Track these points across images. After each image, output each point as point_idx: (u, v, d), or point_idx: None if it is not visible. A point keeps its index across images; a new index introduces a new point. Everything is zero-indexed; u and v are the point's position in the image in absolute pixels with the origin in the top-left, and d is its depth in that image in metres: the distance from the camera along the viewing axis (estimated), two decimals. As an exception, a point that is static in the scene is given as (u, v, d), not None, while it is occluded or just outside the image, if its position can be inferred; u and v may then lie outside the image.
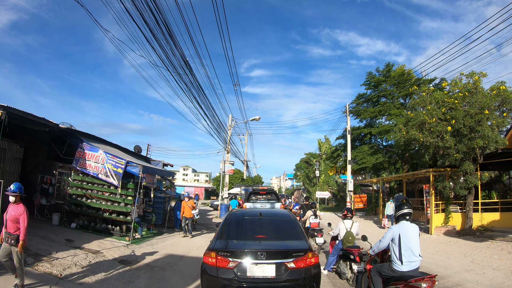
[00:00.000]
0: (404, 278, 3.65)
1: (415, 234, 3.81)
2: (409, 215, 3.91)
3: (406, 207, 3.91)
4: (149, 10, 8.24)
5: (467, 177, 11.05)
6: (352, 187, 21.14)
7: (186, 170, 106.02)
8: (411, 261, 3.70)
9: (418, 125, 11.73)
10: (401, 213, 3.92)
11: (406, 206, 3.93)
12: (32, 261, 5.74)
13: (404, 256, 3.71)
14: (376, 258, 4.48)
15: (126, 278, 5.76)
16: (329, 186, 37.84)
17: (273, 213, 5.65)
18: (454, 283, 6.16)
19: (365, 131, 22.29)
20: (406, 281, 3.58)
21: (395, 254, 3.80)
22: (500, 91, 10.67)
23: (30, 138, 9.85)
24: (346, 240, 6.05)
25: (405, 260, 3.70)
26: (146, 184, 9.99)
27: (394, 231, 3.87)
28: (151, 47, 9.56)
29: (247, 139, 37.09)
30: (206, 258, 3.99)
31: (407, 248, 3.72)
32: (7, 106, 6.54)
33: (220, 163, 22.71)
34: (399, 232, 3.80)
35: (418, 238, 3.84)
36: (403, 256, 3.71)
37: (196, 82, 14.49)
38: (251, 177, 42.79)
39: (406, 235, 3.76)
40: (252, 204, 13.86)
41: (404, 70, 21.22)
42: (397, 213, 3.97)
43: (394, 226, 3.96)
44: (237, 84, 20.89)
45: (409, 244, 3.73)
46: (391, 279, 3.81)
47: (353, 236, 6.08)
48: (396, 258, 3.77)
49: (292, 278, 3.83)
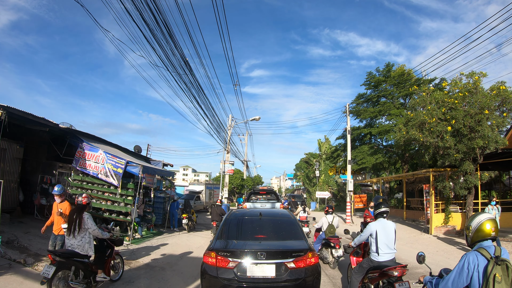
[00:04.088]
0: (380, 267, 4.15)
1: (391, 230, 4.30)
2: (386, 213, 4.41)
3: (383, 207, 4.41)
4: (149, 10, 8.24)
5: (467, 177, 11.05)
6: (352, 187, 21.11)
7: (186, 170, 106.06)
8: (386, 253, 4.21)
9: (418, 125, 11.73)
10: (379, 211, 4.42)
11: (383, 205, 4.43)
12: (32, 261, 5.74)
13: (381, 249, 4.21)
14: (358, 250, 5.06)
15: (126, 278, 5.76)
16: (329, 186, 37.84)
17: (273, 213, 5.65)
18: (454, 283, 6.15)
19: (365, 131, 22.30)
20: (381, 269, 4.10)
21: (373, 246, 4.30)
22: (500, 91, 10.67)
23: (30, 138, 9.85)
24: (328, 231, 7.10)
25: (381, 252, 4.20)
26: (146, 184, 9.99)
27: (372, 227, 4.32)
28: (151, 47, 9.56)
29: (247, 139, 37.10)
30: (206, 258, 3.99)
31: (383, 242, 4.22)
32: (7, 106, 6.54)
33: (220, 163, 22.71)
34: (377, 228, 4.27)
35: (394, 233, 4.30)
36: (379, 248, 4.21)
37: (196, 82, 14.49)
38: (251, 177, 42.79)
39: (382, 230, 4.25)
40: (252, 204, 13.99)
41: (404, 70, 21.22)
42: (376, 212, 4.46)
43: (372, 223, 4.41)
44: (237, 84, 20.89)
45: (385, 238, 4.23)
46: (370, 268, 4.31)
47: (334, 228, 7.15)
48: (374, 250, 4.27)
49: (292, 278, 3.82)
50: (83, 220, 4.68)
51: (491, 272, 2.19)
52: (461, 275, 2.36)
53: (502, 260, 2.23)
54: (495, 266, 2.20)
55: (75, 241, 4.61)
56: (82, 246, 4.63)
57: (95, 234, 4.80)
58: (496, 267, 2.20)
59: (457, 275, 2.39)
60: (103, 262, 5.00)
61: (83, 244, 4.65)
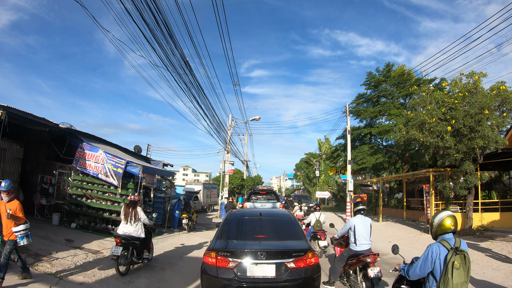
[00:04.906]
0: (357, 255, 5.00)
1: (368, 224, 5.12)
2: (363, 210, 5.30)
3: (360, 205, 5.32)
4: (149, 10, 8.24)
5: (467, 177, 11.05)
6: (352, 187, 21.08)
7: (186, 170, 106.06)
8: (363, 244, 5.01)
9: (418, 125, 11.72)
10: (356, 209, 5.30)
11: (360, 204, 5.34)
12: (32, 261, 5.74)
13: (358, 240, 5.01)
14: (341, 241, 5.86)
15: (126, 278, 5.76)
16: (329, 186, 37.85)
17: (273, 213, 5.65)
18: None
19: (365, 131, 22.28)
20: (358, 257, 4.94)
21: (352, 238, 5.09)
22: (500, 91, 10.66)
23: (30, 138, 9.84)
24: (316, 226, 8.32)
25: (359, 243, 5.01)
26: (146, 184, 9.99)
27: (351, 222, 5.16)
28: (151, 47, 9.57)
29: (247, 139, 37.06)
30: (206, 258, 3.99)
31: (361, 235, 5.02)
32: (7, 106, 6.55)
33: (220, 163, 22.72)
34: (355, 223, 5.09)
35: (370, 227, 5.13)
36: (357, 240, 5.02)
37: (196, 82, 14.49)
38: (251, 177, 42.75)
39: (359, 225, 5.06)
40: (252, 204, 14.28)
41: (404, 70, 21.21)
42: (354, 209, 5.32)
43: (352, 218, 5.26)
44: (237, 84, 20.88)
45: (362, 231, 5.03)
46: (349, 257, 5.15)
47: (321, 223, 8.39)
48: (353, 241, 5.07)
49: (292, 278, 3.83)
50: (137, 212, 6.27)
51: (450, 260, 2.64)
52: (426, 262, 2.82)
53: (461, 251, 2.68)
54: (454, 255, 2.64)
55: (131, 228, 6.19)
56: (136, 231, 6.22)
57: (145, 222, 6.45)
58: (455, 256, 2.64)
59: (423, 262, 2.86)
60: (146, 243, 6.71)
61: (137, 229, 6.24)
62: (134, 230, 6.22)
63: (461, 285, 2.64)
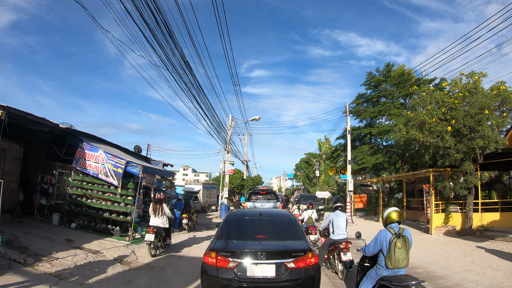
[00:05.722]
0: (335, 243, 6.42)
1: (343, 218, 6.60)
2: (341, 207, 6.82)
3: (338, 203, 6.99)
4: (149, 10, 8.24)
5: (467, 177, 11.04)
6: (352, 187, 21.09)
7: (186, 170, 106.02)
8: (339, 234, 6.45)
9: (418, 125, 11.72)
10: (335, 206, 6.91)
11: (339, 201, 7.26)
12: (32, 261, 5.73)
13: (335, 231, 6.47)
14: (325, 233, 7.10)
15: (126, 278, 5.76)
16: (329, 186, 37.83)
17: (273, 213, 5.65)
18: (454, 283, 6.16)
19: (365, 131, 22.28)
20: (335, 244, 6.38)
21: (331, 229, 6.57)
22: (500, 91, 10.66)
23: (30, 138, 9.84)
24: (308, 222, 9.37)
25: (336, 233, 6.47)
26: (146, 184, 9.98)
27: (330, 216, 6.68)
28: (151, 47, 9.56)
29: (247, 139, 37.06)
30: (206, 258, 3.99)
31: (337, 227, 6.48)
32: (7, 106, 6.54)
33: (220, 163, 22.72)
34: (333, 217, 6.60)
35: (346, 221, 6.60)
36: (334, 231, 6.49)
37: (196, 82, 14.50)
38: (251, 177, 42.75)
39: (337, 219, 6.55)
40: (253, 203, 14.55)
41: (404, 70, 21.20)
42: (333, 206, 6.93)
43: (330, 214, 6.77)
44: (237, 84, 20.89)
45: (338, 224, 6.48)
46: (330, 245, 6.57)
47: (312, 219, 9.52)
48: (331, 232, 6.54)
49: (292, 278, 3.84)
50: (163, 208, 8.06)
51: (393, 241, 3.63)
52: (376, 243, 3.84)
53: (403, 236, 3.68)
54: (397, 238, 3.64)
55: (158, 220, 7.95)
56: (163, 223, 8.01)
57: (169, 215, 8.30)
58: (397, 239, 3.64)
59: (374, 243, 3.86)
60: (168, 232, 8.46)
61: (163, 221, 8.04)
62: (161, 222, 7.96)
63: (402, 260, 3.62)
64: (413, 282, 3.40)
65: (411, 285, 3.38)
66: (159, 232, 7.85)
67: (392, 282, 3.55)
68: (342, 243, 6.13)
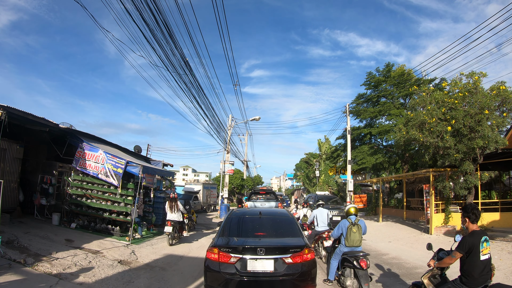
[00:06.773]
0: (319, 233, 7.96)
1: (325, 214, 8.10)
2: (322, 205, 8.47)
3: (321, 201, 9.22)
4: (149, 10, 8.24)
5: (467, 177, 11.04)
6: (352, 187, 21.11)
7: (186, 170, 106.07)
8: (322, 226, 7.97)
9: (418, 125, 11.71)
10: (317, 204, 8.59)
11: (320, 200, 10.08)
12: (32, 261, 5.73)
13: (319, 224, 8.02)
14: (311, 226, 8.60)
15: (126, 278, 5.76)
16: (329, 186, 37.79)
17: (272, 212, 5.86)
18: (454, 283, 6.16)
19: (365, 131, 22.26)
20: (319, 235, 7.93)
21: (315, 223, 8.10)
22: (500, 91, 10.65)
23: (30, 138, 9.83)
24: (302, 220, 10.51)
25: (320, 226, 8.01)
26: (146, 184, 9.98)
27: (314, 212, 8.25)
28: (151, 47, 9.58)
29: (247, 139, 37.08)
30: (209, 254, 4.25)
31: (320, 220, 8.02)
32: (7, 106, 6.54)
33: (220, 163, 22.74)
34: (316, 213, 8.13)
35: (327, 216, 8.08)
36: (318, 224, 8.02)
37: (196, 82, 14.52)
38: (251, 177, 42.74)
39: (320, 214, 8.09)
40: (253, 203, 15.18)
41: (404, 70, 21.18)
42: (316, 204, 8.70)
43: (314, 210, 8.41)
44: (237, 84, 20.91)
45: (321, 218, 8.02)
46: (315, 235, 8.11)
47: (307, 217, 10.43)
48: (316, 225, 8.08)
49: (289, 272, 4.10)
50: (178, 204, 9.65)
51: (349, 227, 5.29)
52: (338, 229, 5.53)
53: (357, 224, 5.33)
54: (352, 226, 5.29)
55: (175, 215, 9.44)
56: (178, 217, 9.55)
57: (183, 211, 9.90)
58: (353, 226, 5.29)
59: (337, 229, 5.56)
60: (183, 225, 10.15)
61: (179, 216, 9.59)
62: (176, 216, 9.49)
63: (356, 240, 5.25)
64: (361, 254, 5.05)
65: (359, 256, 4.99)
66: (175, 225, 9.37)
67: (349, 255, 5.15)
68: (325, 233, 7.69)
